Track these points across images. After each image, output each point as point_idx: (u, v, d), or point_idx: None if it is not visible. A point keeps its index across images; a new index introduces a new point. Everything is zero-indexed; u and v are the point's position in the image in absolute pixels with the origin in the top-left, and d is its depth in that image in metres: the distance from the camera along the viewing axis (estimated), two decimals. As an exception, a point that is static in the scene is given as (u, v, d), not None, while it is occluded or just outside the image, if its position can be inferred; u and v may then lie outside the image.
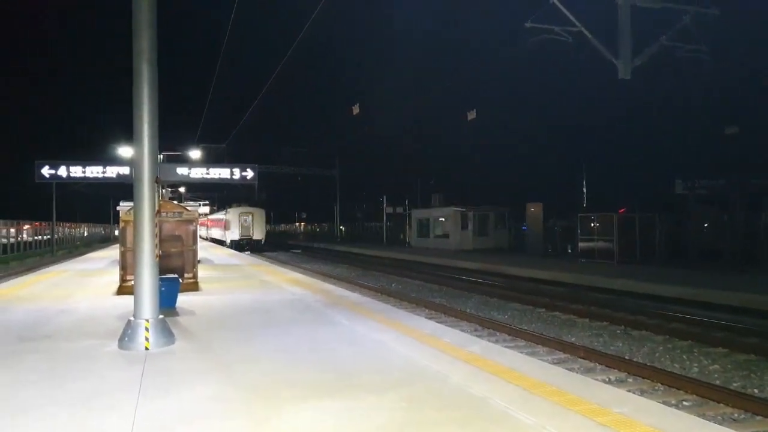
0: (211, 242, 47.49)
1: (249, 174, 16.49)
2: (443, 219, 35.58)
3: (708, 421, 4.40)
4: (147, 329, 6.59)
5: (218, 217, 48.79)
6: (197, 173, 16.27)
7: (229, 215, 44.17)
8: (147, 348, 6.52)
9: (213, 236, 51.66)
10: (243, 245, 40.78)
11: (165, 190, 18.41)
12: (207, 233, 51.76)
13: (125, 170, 15.53)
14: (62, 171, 15.17)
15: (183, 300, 10.19)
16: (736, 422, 6.30)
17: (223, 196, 64.32)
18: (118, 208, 19.01)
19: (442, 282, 19.49)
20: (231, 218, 43.79)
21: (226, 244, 42.36)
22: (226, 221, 44.40)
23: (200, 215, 22.69)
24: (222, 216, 46.51)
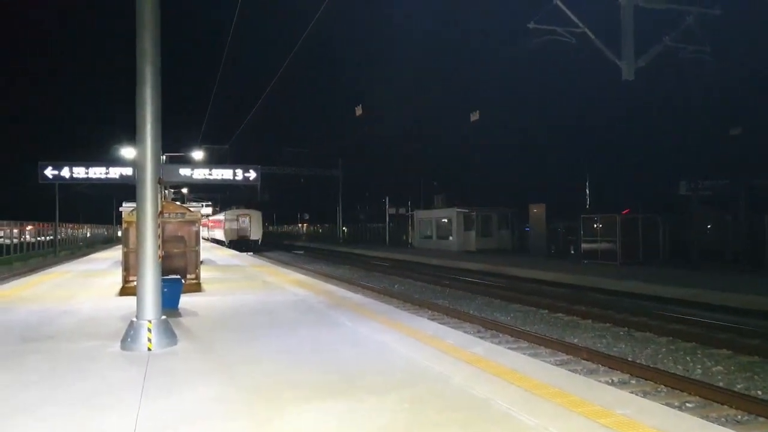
0: (212, 242, 49.77)
1: (252, 175, 16.50)
2: (446, 220, 35.57)
3: (711, 423, 4.38)
4: (150, 330, 6.61)
5: (218, 219, 51.63)
6: (200, 174, 16.28)
7: (228, 217, 47.08)
8: (150, 349, 6.53)
9: (213, 237, 54.34)
10: (241, 245, 42.94)
11: (168, 191, 18.44)
12: (208, 234, 53.95)
13: (128, 171, 15.55)
14: (65, 172, 15.20)
15: (185, 301, 10.21)
16: (740, 424, 6.28)
17: (226, 197, 64.95)
18: (121, 209, 19.06)
19: (445, 283, 19.47)
20: (229, 219, 46.67)
21: (225, 244, 44.50)
22: (225, 222, 47.09)
23: (203, 216, 22.79)
24: (221, 217, 49.68)
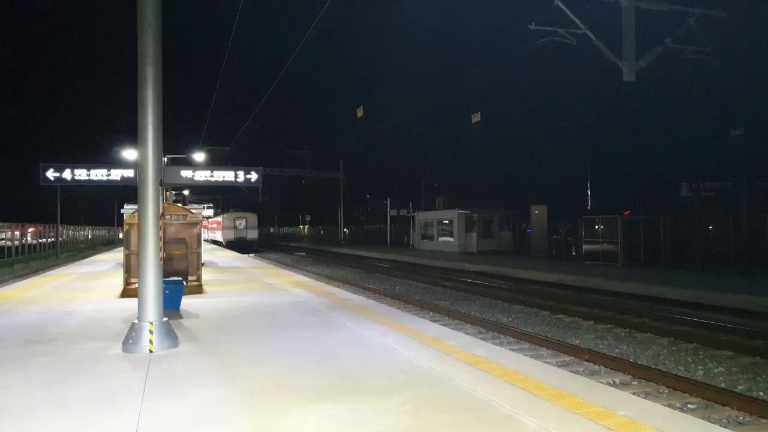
0: (211, 243, 51.91)
1: (253, 176, 16.56)
2: (447, 221, 35.55)
3: (713, 424, 4.37)
4: (151, 332, 6.60)
5: (217, 221, 54.78)
6: (201, 176, 16.35)
7: (226, 219, 50.44)
8: (151, 351, 6.53)
9: (212, 238, 56.94)
10: (238, 245, 45.69)
11: (169, 193, 18.47)
12: (207, 235, 56.03)
13: (129, 173, 15.62)
14: (67, 174, 15.27)
15: (187, 303, 10.21)
16: (742, 425, 6.27)
17: (227, 199, 65.62)
18: (123, 211, 19.11)
19: (447, 284, 19.46)
20: (227, 221, 50.06)
21: (223, 245, 47.37)
22: (223, 224, 50.34)
23: (204, 218, 22.86)
24: (220, 220, 52.94)
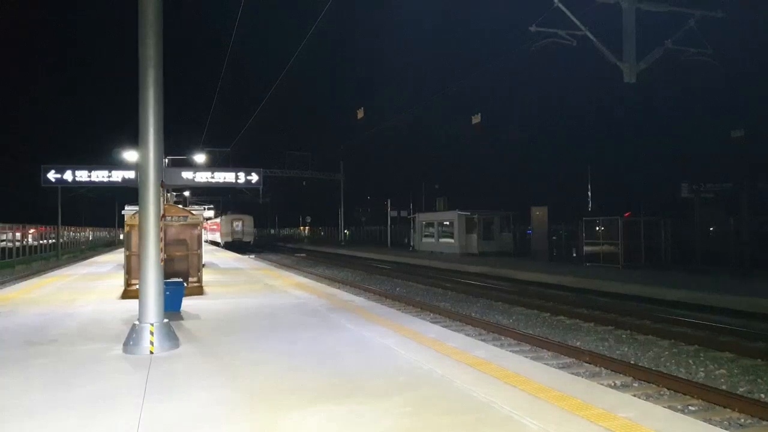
0: (210, 244, 52.43)
1: (254, 178, 16.58)
2: (448, 223, 35.55)
3: (714, 427, 4.36)
4: (152, 333, 6.61)
5: (215, 222, 56.78)
6: (202, 177, 16.37)
7: (223, 221, 52.44)
8: (152, 352, 6.53)
9: (211, 239, 58.34)
10: (235, 246, 47.69)
11: (170, 194, 18.47)
12: (206, 236, 56.15)
13: (130, 174, 15.64)
14: (68, 175, 15.29)
15: (187, 304, 10.21)
16: (743, 427, 6.27)
17: (228, 200, 66.10)
18: (123, 212, 19.09)
19: (447, 286, 19.46)
20: (225, 223, 52.02)
21: (221, 245, 49.11)
22: (221, 226, 52.35)
23: (204, 219, 22.90)
24: (218, 221, 55.09)
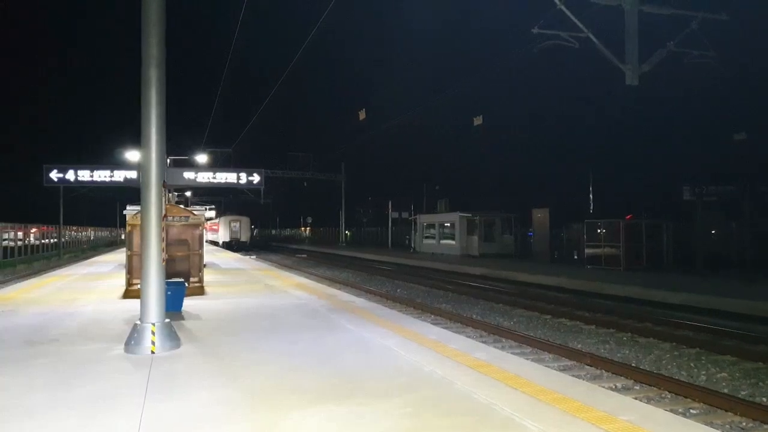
0: (210, 244, 53.88)
1: (255, 178, 16.57)
2: (449, 224, 35.54)
3: (716, 430, 4.36)
4: (153, 333, 6.61)
5: (214, 223, 59.55)
6: (204, 177, 16.37)
7: (222, 222, 55.48)
8: (153, 352, 6.53)
9: (209, 239, 60.52)
10: (232, 245, 50.76)
11: (171, 194, 18.49)
12: (206, 236, 57.25)
13: (133, 174, 15.64)
14: (70, 175, 15.30)
15: (189, 304, 10.21)
16: (744, 431, 6.25)
17: (229, 201, 66.55)
18: (125, 212, 19.11)
19: (448, 287, 19.45)
20: (223, 224, 55.16)
21: (219, 245, 52.01)
22: (220, 226, 55.51)
23: (206, 219, 22.97)
24: (217, 222, 58.00)
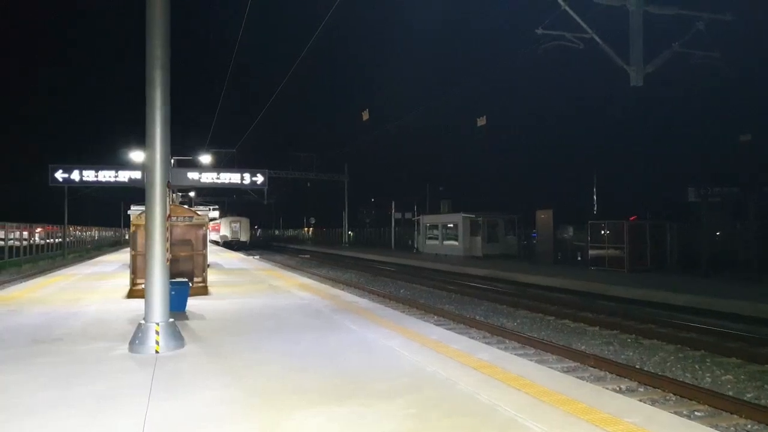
0: (212, 243, 54.24)
1: (259, 179, 16.56)
2: (452, 225, 35.50)
3: (720, 432, 4.35)
4: (157, 332, 6.63)
5: (216, 223, 62.04)
6: (208, 178, 16.35)
7: (223, 222, 57.82)
8: (157, 351, 6.55)
9: (211, 238, 59.81)
10: (233, 245, 53.19)
11: (175, 194, 18.53)
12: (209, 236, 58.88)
13: (137, 174, 15.64)
14: (75, 175, 15.31)
15: (193, 304, 10.24)
16: (749, 433, 6.22)
17: (233, 201, 67.04)
18: (129, 212, 19.14)
19: (451, 288, 19.42)
20: (224, 225, 57.74)
21: (220, 244, 53.95)
22: (221, 227, 57.98)
23: (210, 220, 22.99)
24: (218, 222, 60.21)
